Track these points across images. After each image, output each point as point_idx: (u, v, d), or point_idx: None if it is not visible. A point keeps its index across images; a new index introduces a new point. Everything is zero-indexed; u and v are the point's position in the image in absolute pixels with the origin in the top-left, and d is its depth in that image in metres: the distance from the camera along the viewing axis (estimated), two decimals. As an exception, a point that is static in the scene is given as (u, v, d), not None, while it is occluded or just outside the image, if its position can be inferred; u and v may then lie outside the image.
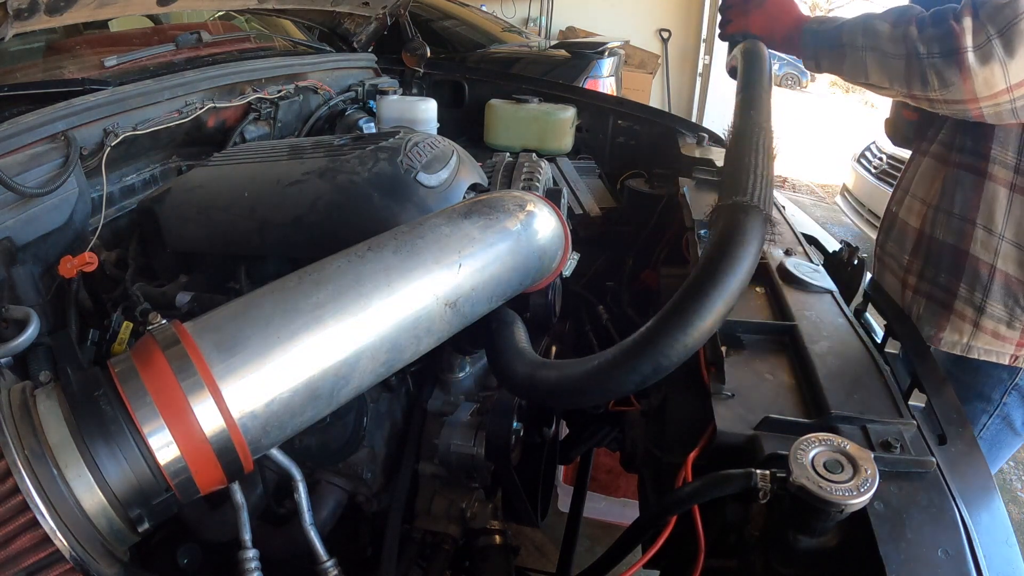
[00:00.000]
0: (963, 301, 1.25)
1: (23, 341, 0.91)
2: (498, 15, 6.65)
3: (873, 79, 1.18)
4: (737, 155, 0.90)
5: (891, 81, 1.16)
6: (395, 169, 1.16)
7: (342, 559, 0.90)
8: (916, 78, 1.11)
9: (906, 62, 1.11)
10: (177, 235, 1.20)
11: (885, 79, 1.16)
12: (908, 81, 1.12)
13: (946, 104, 1.11)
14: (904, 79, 1.13)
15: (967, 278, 1.24)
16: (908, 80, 1.12)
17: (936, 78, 1.08)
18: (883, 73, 1.16)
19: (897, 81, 1.14)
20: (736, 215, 0.80)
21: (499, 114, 2.40)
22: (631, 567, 0.82)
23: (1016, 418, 1.31)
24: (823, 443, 0.69)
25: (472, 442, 1.14)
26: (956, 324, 1.27)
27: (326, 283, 0.76)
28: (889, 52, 1.13)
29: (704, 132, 2.16)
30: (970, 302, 1.25)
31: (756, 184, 0.83)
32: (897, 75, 1.14)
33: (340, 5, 2.28)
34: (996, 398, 1.29)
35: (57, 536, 0.62)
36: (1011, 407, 1.30)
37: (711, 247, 0.79)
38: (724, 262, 0.76)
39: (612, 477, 2.23)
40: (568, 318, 1.84)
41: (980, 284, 1.23)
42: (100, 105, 1.39)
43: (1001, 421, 1.31)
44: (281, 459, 0.84)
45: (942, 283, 1.28)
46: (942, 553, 0.65)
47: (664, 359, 0.75)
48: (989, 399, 1.29)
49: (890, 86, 1.17)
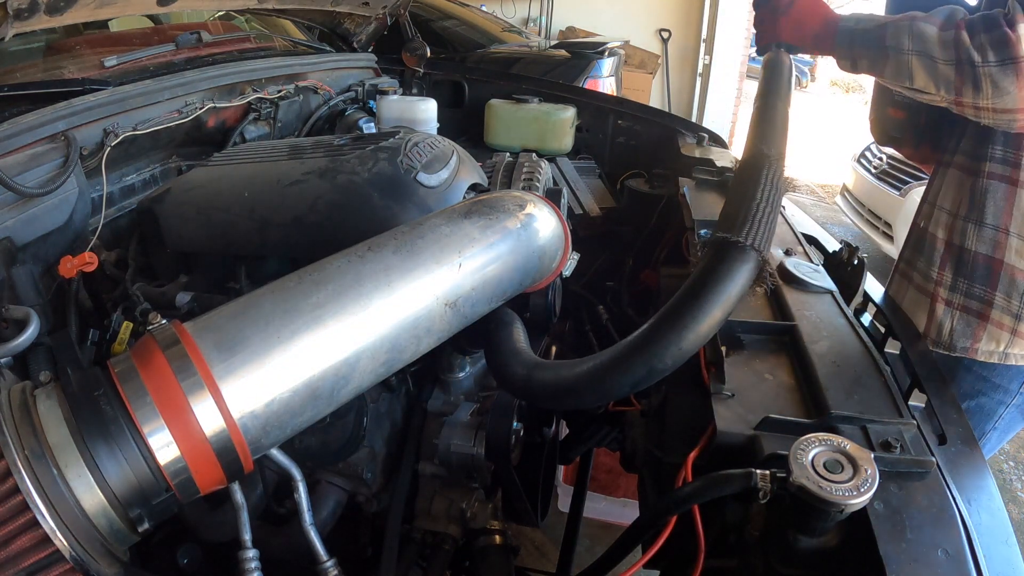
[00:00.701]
0: (1000, 310, 1.25)
1: (23, 341, 0.91)
2: (498, 15, 6.65)
3: (919, 83, 1.16)
4: (741, 190, 0.87)
5: (938, 86, 1.13)
6: (395, 169, 1.16)
7: (342, 559, 0.90)
8: (968, 85, 1.08)
9: (957, 68, 1.09)
10: (177, 235, 1.20)
11: (932, 84, 1.14)
12: (959, 88, 1.10)
13: (994, 113, 1.10)
14: (954, 85, 1.10)
15: (1003, 287, 1.24)
16: (960, 86, 1.10)
17: (990, 86, 1.06)
18: (931, 78, 1.13)
19: (945, 87, 1.12)
20: (724, 253, 0.79)
21: (499, 114, 2.40)
22: (631, 567, 0.82)
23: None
24: (823, 443, 0.69)
25: (472, 442, 1.14)
26: (993, 333, 1.26)
27: (326, 283, 0.76)
28: (939, 57, 1.10)
29: (704, 132, 2.16)
30: (1007, 310, 1.24)
31: (755, 223, 0.80)
32: (946, 81, 1.11)
33: (340, 5, 2.28)
34: (1014, 388, 1.30)
35: (57, 536, 0.62)
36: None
37: (689, 281, 0.79)
38: (695, 301, 0.76)
39: (612, 477, 2.23)
40: (568, 318, 1.84)
41: (1017, 292, 1.22)
42: (100, 105, 1.39)
43: (1016, 410, 1.33)
44: (281, 459, 0.84)
45: (976, 294, 1.27)
46: (942, 553, 0.65)
47: (659, 362, 0.76)
48: (1007, 390, 1.30)
49: (936, 91, 1.14)
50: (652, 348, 0.77)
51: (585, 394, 0.84)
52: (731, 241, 0.79)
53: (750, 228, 0.80)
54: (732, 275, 0.78)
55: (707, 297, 0.76)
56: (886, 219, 4.32)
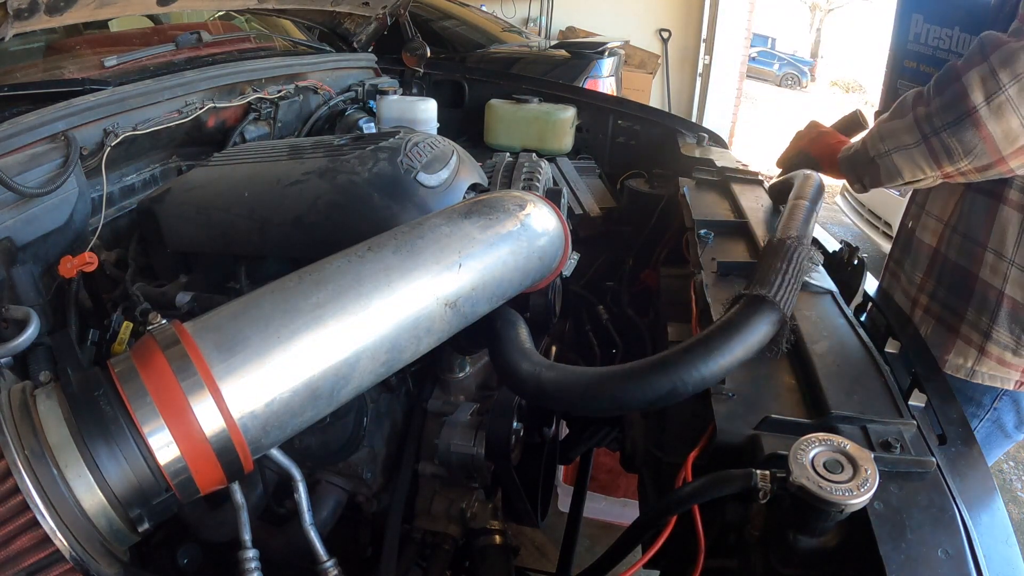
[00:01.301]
0: (969, 325, 1.23)
1: (23, 341, 0.91)
2: (498, 15, 6.65)
3: (908, 175, 1.13)
4: (773, 260, 0.94)
5: (924, 169, 1.09)
6: (395, 169, 1.16)
7: (342, 559, 0.90)
8: (941, 155, 1.05)
9: (926, 144, 1.06)
10: (177, 235, 1.20)
11: (918, 169, 1.11)
12: (937, 161, 1.06)
13: (979, 172, 1.05)
14: (931, 161, 1.07)
15: (975, 302, 1.22)
16: (936, 160, 1.06)
17: (958, 145, 1.02)
18: (913, 165, 1.10)
19: (928, 165, 1.08)
20: (756, 305, 0.86)
21: (499, 114, 2.40)
22: (631, 567, 0.82)
23: (1008, 421, 1.30)
24: (823, 443, 0.69)
25: (472, 442, 1.14)
26: (961, 348, 1.25)
27: (326, 283, 0.76)
28: (909, 143, 1.09)
29: (704, 132, 2.16)
30: (976, 327, 1.22)
31: (783, 288, 0.88)
32: (925, 161, 1.08)
33: (340, 5, 2.28)
34: (987, 403, 1.28)
35: (57, 536, 0.62)
36: (1003, 411, 1.29)
37: (721, 321, 0.86)
38: (722, 340, 0.82)
39: (612, 477, 2.23)
40: (568, 318, 1.84)
41: (987, 309, 1.20)
42: (100, 105, 1.39)
43: (992, 424, 1.30)
44: (281, 459, 0.84)
45: (951, 305, 1.26)
46: (942, 553, 0.65)
47: (682, 385, 0.80)
48: (980, 404, 1.28)
49: (926, 174, 1.11)
50: (679, 370, 0.81)
51: (602, 401, 0.85)
52: (762, 296, 0.86)
53: (779, 290, 0.87)
54: (758, 325, 0.84)
55: (734, 337, 0.82)
56: (886, 219, 4.33)
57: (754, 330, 0.84)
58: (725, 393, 0.87)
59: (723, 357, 0.81)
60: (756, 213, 1.47)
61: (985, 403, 1.28)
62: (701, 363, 0.80)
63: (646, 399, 0.82)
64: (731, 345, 0.82)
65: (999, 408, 1.28)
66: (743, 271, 1.18)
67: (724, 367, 0.81)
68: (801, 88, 19.49)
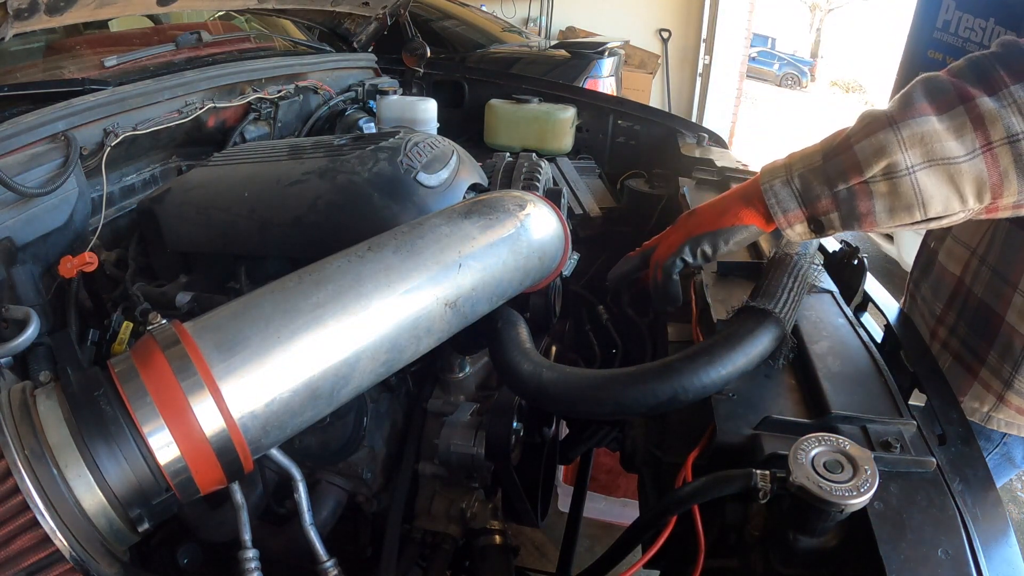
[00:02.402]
0: (990, 370, 1.13)
1: (23, 341, 0.91)
2: (498, 15, 6.65)
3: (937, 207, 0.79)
4: (776, 274, 0.95)
5: (967, 197, 0.77)
6: (395, 169, 1.16)
7: (342, 559, 0.90)
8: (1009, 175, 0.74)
9: (984, 158, 0.75)
10: (177, 235, 1.20)
11: (956, 199, 0.78)
12: (992, 186, 0.76)
13: None
14: (985, 185, 0.76)
15: (998, 346, 1.10)
16: (992, 183, 0.75)
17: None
18: (951, 191, 0.77)
19: (975, 193, 0.77)
20: (758, 318, 0.87)
21: (499, 114, 2.40)
22: (631, 567, 0.82)
23: (1017, 454, 1.25)
24: (823, 443, 0.69)
25: (472, 442, 1.14)
26: (979, 392, 1.16)
27: (326, 283, 0.76)
28: (957, 156, 0.76)
29: (704, 132, 2.15)
30: (998, 374, 1.12)
31: (785, 303, 0.89)
32: (973, 185, 0.77)
33: (340, 5, 2.28)
34: (996, 439, 1.22)
35: (57, 536, 0.62)
36: (1012, 446, 1.23)
37: (723, 333, 0.86)
38: (725, 350, 0.83)
39: (612, 477, 2.23)
40: (568, 318, 1.84)
41: (1011, 356, 1.08)
42: (100, 105, 1.39)
43: (1001, 457, 1.25)
44: (281, 459, 0.84)
45: (971, 345, 1.15)
46: (942, 553, 0.65)
47: (683, 393, 0.82)
48: (989, 438, 1.22)
49: (965, 206, 0.79)
50: (681, 377, 0.82)
51: (603, 404, 0.85)
52: (764, 310, 0.87)
53: (783, 305, 0.88)
54: (760, 337, 0.86)
55: (736, 348, 0.83)
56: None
57: (756, 342, 0.85)
58: (725, 393, 0.87)
59: (724, 367, 0.82)
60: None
61: (995, 439, 1.22)
62: (703, 372, 0.82)
63: (647, 404, 0.83)
64: (734, 356, 0.83)
65: (1008, 443, 1.23)
66: (743, 271, 1.18)
67: (725, 376, 0.83)
68: (801, 88, 19.49)
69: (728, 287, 1.13)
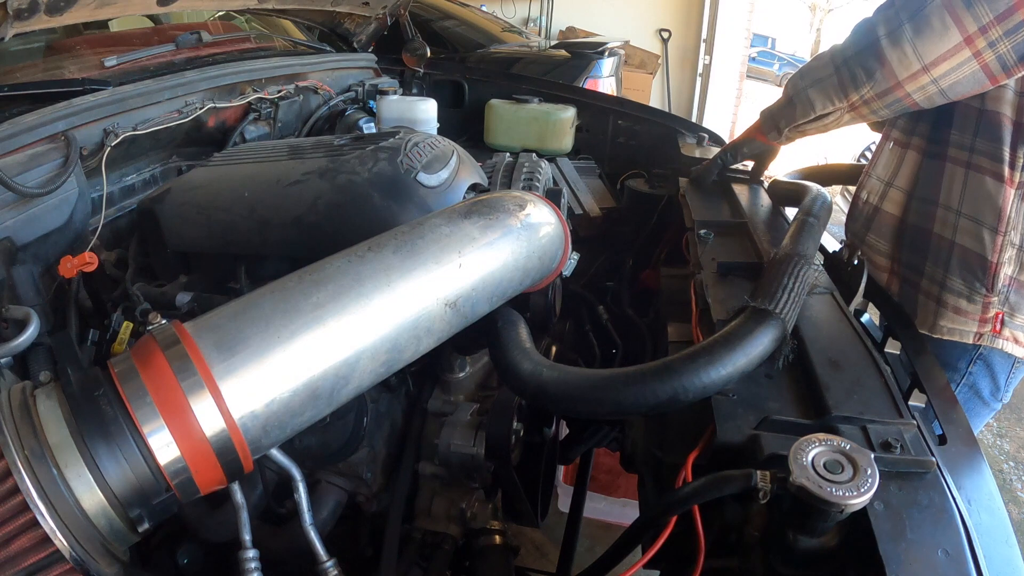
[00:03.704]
0: (928, 279, 1.29)
1: (23, 341, 0.91)
2: (498, 15, 6.65)
3: (819, 107, 1.27)
4: (777, 274, 0.98)
5: (833, 99, 1.24)
6: (395, 169, 1.16)
7: (342, 559, 0.90)
8: (848, 81, 1.20)
9: (836, 74, 1.22)
10: (177, 235, 1.20)
11: (828, 100, 1.25)
12: (844, 89, 1.21)
13: (880, 99, 1.18)
14: (840, 89, 1.22)
15: (931, 255, 1.28)
16: (843, 88, 1.21)
17: (862, 72, 1.17)
18: (824, 95, 1.25)
19: (836, 95, 1.23)
20: (759, 318, 0.88)
21: (499, 114, 2.40)
22: (631, 567, 0.82)
23: (983, 388, 1.32)
24: (823, 443, 0.69)
25: (472, 442, 1.14)
26: (923, 303, 1.30)
27: (326, 283, 0.76)
28: (823, 76, 1.25)
29: (704, 132, 2.16)
30: (934, 279, 1.28)
31: (786, 302, 0.91)
32: (834, 90, 1.23)
33: (340, 5, 2.28)
34: (962, 367, 1.31)
35: (57, 536, 0.62)
36: (977, 376, 1.31)
37: (724, 332, 0.87)
38: (725, 350, 0.83)
39: (612, 477, 2.23)
40: (568, 318, 1.84)
41: (941, 260, 1.26)
42: (100, 105, 1.39)
43: (969, 390, 1.33)
44: (281, 459, 0.84)
45: (914, 264, 1.33)
46: (942, 553, 0.65)
47: (683, 392, 0.81)
48: (955, 368, 1.31)
49: (834, 105, 1.25)
50: (681, 377, 0.81)
51: (603, 404, 0.85)
52: (765, 309, 0.89)
53: (783, 305, 0.90)
54: (761, 337, 0.86)
55: (737, 349, 0.84)
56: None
57: (757, 343, 0.85)
58: (725, 393, 0.87)
59: (725, 368, 0.82)
60: (756, 213, 1.47)
61: (960, 367, 1.31)
62: (703, 372, 0.81)
63: (647, 404, 0.83)
64: (734, 356, 0.83)
65: (974, 373, 1.31)
66: (743, 271, 1.18)
67: (725, 377, 0.82)
68: (801, 88, 19.45)
69: (728, 287, 1.14)
